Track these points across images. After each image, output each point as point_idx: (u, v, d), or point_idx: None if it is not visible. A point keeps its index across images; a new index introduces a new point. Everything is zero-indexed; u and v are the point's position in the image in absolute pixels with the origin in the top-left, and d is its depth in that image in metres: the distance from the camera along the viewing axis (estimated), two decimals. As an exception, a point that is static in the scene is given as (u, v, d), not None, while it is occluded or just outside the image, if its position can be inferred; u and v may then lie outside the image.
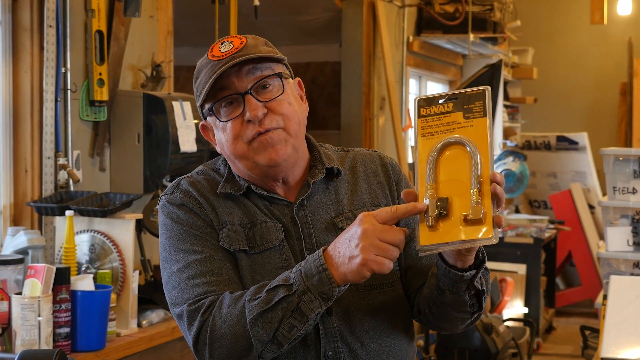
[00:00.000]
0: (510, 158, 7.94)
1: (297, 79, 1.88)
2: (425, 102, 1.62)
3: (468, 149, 1.56)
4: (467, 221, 1.53)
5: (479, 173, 1.54)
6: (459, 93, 1.60)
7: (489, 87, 1.60)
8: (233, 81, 1.76)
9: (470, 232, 1.53)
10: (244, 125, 1.76)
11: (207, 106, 1.79)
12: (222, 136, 1.79)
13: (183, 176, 1.86)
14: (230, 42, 1.78)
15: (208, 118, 1.83)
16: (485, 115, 1.57)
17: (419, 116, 1.61)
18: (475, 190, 1.53)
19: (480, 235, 1.52)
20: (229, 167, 1.85)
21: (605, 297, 2.91)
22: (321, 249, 1.65)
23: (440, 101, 1.61)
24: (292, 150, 1.79)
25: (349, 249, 1.60)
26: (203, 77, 1.77)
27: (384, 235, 1.59)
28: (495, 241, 1.53)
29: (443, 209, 1.54)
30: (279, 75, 1.79)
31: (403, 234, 1.60)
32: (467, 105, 1.59)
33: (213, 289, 1.72)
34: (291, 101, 1.80)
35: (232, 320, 1.66)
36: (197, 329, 1.69)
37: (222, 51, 1.76)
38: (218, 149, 1.84)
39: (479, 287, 1.72)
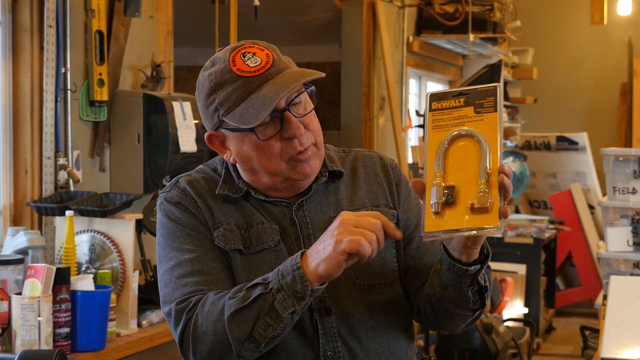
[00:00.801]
0: (510, 158, 7.94)
1: None
2: (438, 97, 1.64)
3: (477, 141, 1.57)
4: (473, 209, 1.53)
5: (487, 164, 1.55)
6: (471, 89, 1.63)
7: (500, 84, 1.63)
8: None
9: (476, 220, 1.53)
10: (284, 144, 1.73)
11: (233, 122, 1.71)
12: (251, 151, 1.74)
13: (182, 174, 1.86)
14: (254, 54, 1.72)
15: (224, 129, 1.75)
16: (496, 111, 1.59)
17: (430, 110, 1.64)
18: (483, 180, 1.54)
19: (485, 224, 1.52)
20: (227, 167, 1.83)
21: (605, 297, 2.91)
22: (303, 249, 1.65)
23: (452, 96, 1.63)
24: (319, 163, 1.80)
25: (323, 242, 1.60)
26: (234, 93, 1.70)
27: (359, 221, 1.59)
28: (500, 231, 1.53)
29: (450, 196, 1.55)
30: (312, 90, 1.77)
31: (379, 220, 1.60)
32: (479, 100, 1.61)
33: (201, 288, 1.71)
34: (314, 113, 1.79)
35: (214, 318, 1.66)
36: (182, 327, 1.70)
37: (251, 66, 1.70)
38: (229, 158, 1.79)
39: (483, 282, 1.72)
